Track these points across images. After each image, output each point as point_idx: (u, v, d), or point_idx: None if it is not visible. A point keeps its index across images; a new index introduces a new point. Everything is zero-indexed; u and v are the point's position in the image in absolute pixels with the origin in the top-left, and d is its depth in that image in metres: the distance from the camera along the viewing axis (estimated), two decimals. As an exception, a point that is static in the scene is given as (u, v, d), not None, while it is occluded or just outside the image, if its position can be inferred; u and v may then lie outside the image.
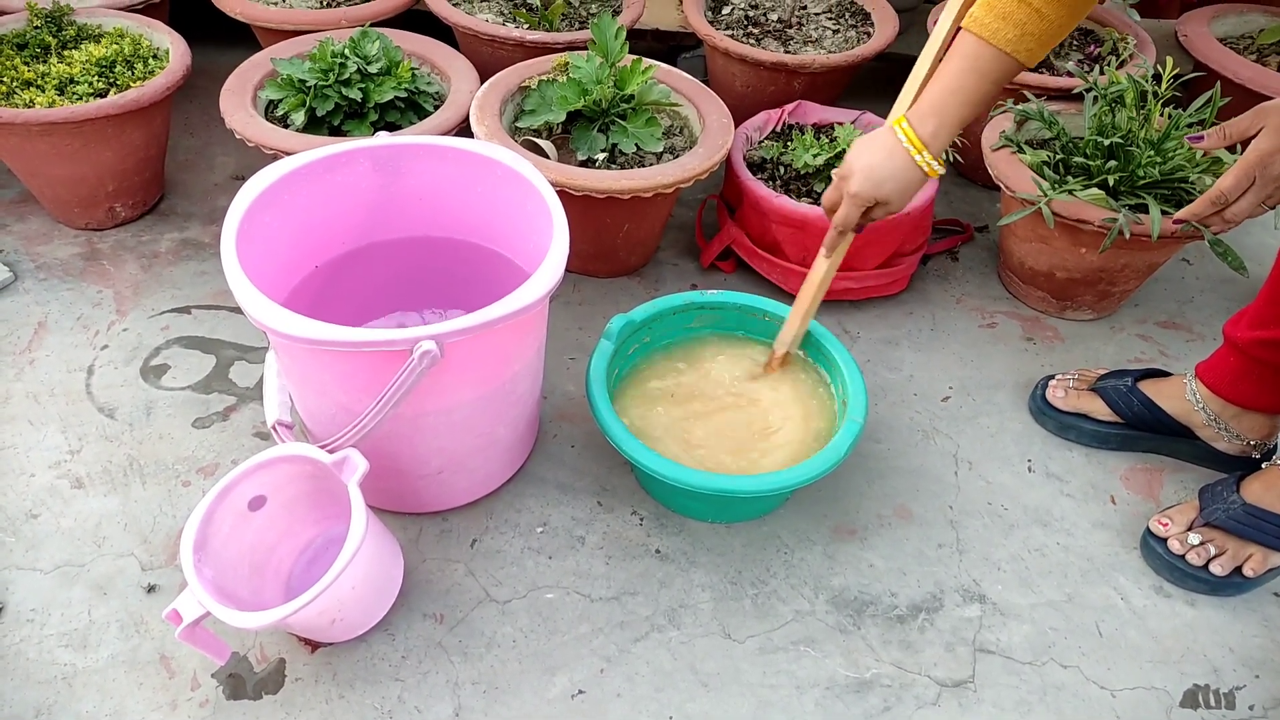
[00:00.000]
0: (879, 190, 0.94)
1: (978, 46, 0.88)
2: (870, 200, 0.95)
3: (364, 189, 1.06)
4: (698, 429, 1.07)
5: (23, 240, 1.41)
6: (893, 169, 0.93)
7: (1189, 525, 1.05)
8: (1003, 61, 0.87)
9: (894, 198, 0.94)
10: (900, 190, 0.94)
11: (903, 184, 0.94)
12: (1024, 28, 0.85)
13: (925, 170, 0.93)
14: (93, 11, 1.47)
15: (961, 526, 1.10)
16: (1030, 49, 0.87)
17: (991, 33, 0.86)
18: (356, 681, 0.92)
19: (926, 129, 0.91)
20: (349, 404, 0.89)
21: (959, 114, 0.91)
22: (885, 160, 0.93)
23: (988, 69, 0.88)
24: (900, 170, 0.93)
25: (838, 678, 0.95)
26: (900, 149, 0.92)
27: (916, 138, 0.91)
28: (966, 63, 0.89)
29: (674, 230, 1.51)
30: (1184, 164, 1.19)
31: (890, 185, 0.93)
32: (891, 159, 0.93)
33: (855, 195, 0.95)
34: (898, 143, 0.93)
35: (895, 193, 0.94)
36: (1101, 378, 1.21)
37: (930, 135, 0.91)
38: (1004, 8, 0.86)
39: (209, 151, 1.63)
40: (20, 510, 1.05)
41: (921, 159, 0.92)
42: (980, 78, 0.89)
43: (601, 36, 1.30)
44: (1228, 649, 1.00)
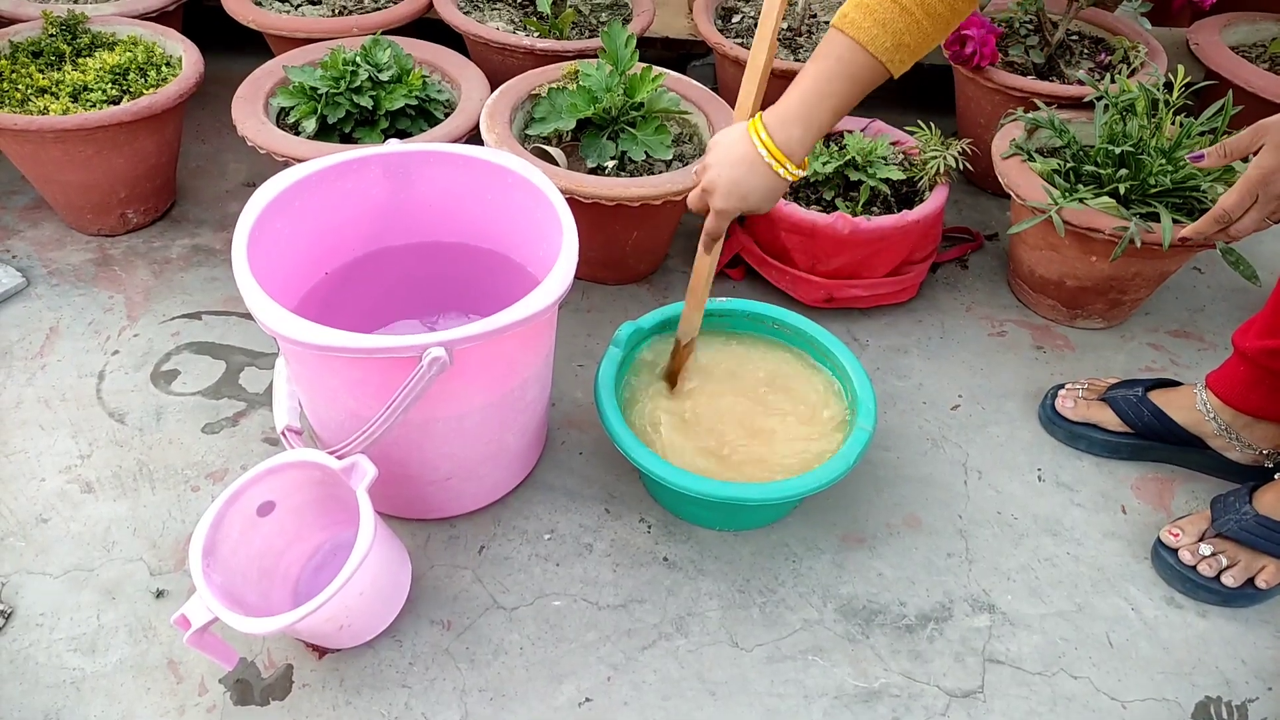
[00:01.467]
0: (744, 203, 0.91)
1: (852, 51, 0.82)
2: (736, 212, 0.93)
3: (374, 196, 1.06)
4: (705, 436, 1.07)
5: (36, 246, 1.42)
6: (754, 183, 0.90)
7: (1200, 536, 1.04)
8: (874, 69, 0.83)
9: (760, 205, 0.92)
10: (765, 198, 0.91)
11: (766, 194, 0.91)
12: (899, 37, 0.81)
13: (788, 179, 0.89)
14: (107, 20, 1.48)
15: (971, 536, 1.10)
16: (902, 60, 0.82)
17: (870, 38, 0.81)
18: (364, 688, 0.92)
19: (792, 135, 0.87)
20: (358, 410, 0.89)
21: (825, 119, 0.86)
22: (747, 174, 0.89)
23: (858, 74, 0.83)
24: (763, 182, 0.89)
25: (846, 687, 0.95)
26: (761, 163, 0.88)
27: (778, 149, 0.87)
28: (839, 66, 0.83)
29: (683, 238, 1.51)
30: (1195, 173, 1.19)
31: (755, 197, 0.91)
32: (753, 173, 0.89)
33: (722, 211, 0.93)
34: (759, 156, 0.88)
35: (762, 201, 0.92)
36: (1112, 387, 1.20)
37: (797, 141, 0.87)
38: (883, 14, 0.81)
39: (220, 158, 1.64)
40: (31, 514, 1.05)
41: (784, 171, 0.88)
42: (850, 83, 0.84)
43: (611, 45, 1.30)
44: (1240, 661, 0.99)
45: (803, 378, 1.14)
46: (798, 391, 1.12)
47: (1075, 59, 1.61)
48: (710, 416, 1.09)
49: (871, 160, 1.32)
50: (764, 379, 1.14)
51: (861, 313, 1.38)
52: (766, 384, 1.13)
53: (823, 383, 1.13)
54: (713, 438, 1.07)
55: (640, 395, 1.11)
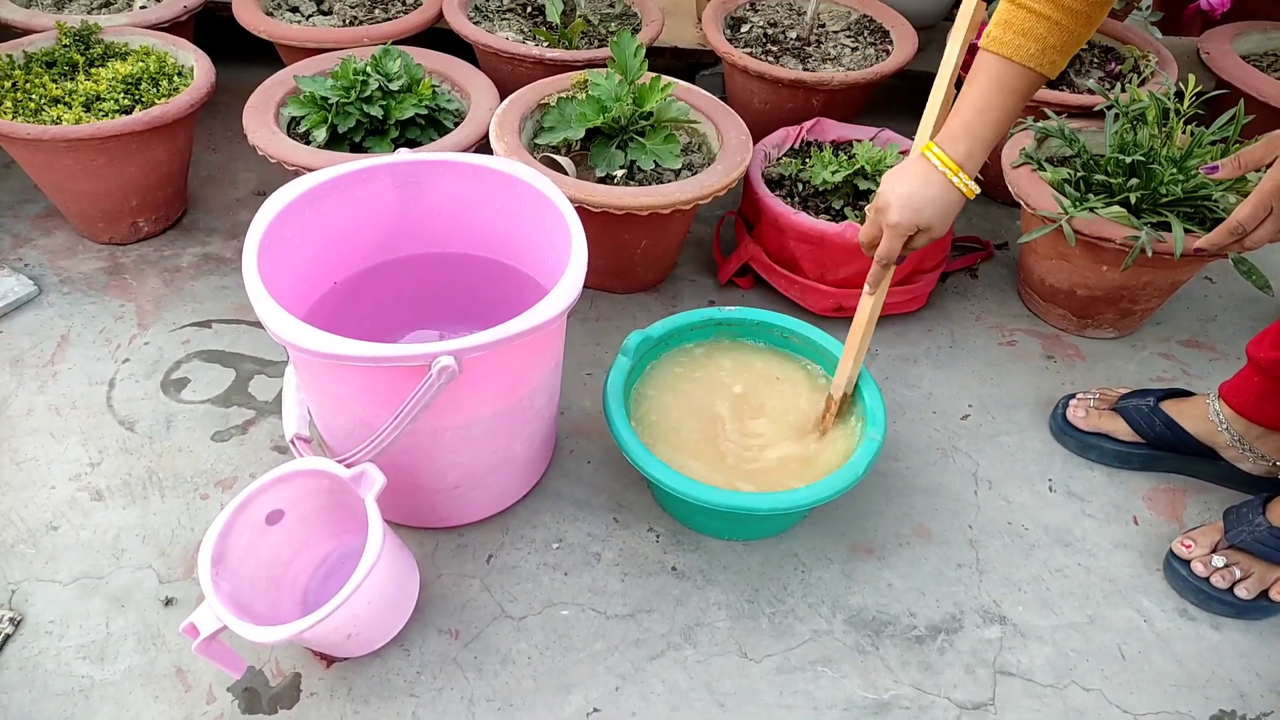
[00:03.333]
0: (919, 217, 0.93)
1: (1001, 65, 0.88)
2: (912, 228, 0.94)
3: (384, 205, 1.06)
4: (714, 445, 1.07)
5: (47, 254, 1.42)
6: (930, 195, 0.92)
7: (1213, 547, 1.04)
8: (1027, 77, 0.87)
9: (935, 222, 0.93)
10: (941, 214, 0.93)
11: (942, 207, 0.93)
12: (1044, 41, 0.85)
13: (963, 191, 0.92)
14: (120, 30, 1.49)
15: (981, 546, 1.09)
16: (1053, 61, 0.87)
17: (1014, 50, 0.86)
18: (371, 697, 0.92)
19: (959, 150, 0.91)
20: (367, 419, 0.89)
21: (989, 133, 0.90)
22: (921, 187, 0.92)
23: (1014, 85, 0.88)
24: (938, 194, 0.92)
25: (856, 699, 0.94)
26: (935, 173, 0.92)
27: (951, 160, 0.91)
28: (992, 82, 0.88)
29: (692, 246, 1.51)
30: (1207, 182, 1.18)
31: (930, 210, 0.93)
32: (928, 185, 0.92)
33: (896, 225, 0.94)
34: (932, 168, 0.92)
35: (936, 217, 0.93)
36: (1123, 397, 1.19)
37: (965, 156, 0.91)
38: (1022, 24, 0.86)
39: (231, 167, 1.65)
40: (41, 522, 1.06)
41: (959, 181, 0.91)
42: (1007, 95, 0.88)
43: (621, 54, 1.30)
44: (1254, 674, 0.98)
45: (811, 387, 1.14)
46: (806, 401, 1.12)
47: (1085, 68, 1.60)
48: (717, 425, 1.09)
49: (881, 169, 1.32)
50: (772, 388, 1.13)
51: (871, 322, 1.38)
52: (774, 393, 1.13)
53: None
54: (720, 446, 1.07)
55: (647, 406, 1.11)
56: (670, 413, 1.10)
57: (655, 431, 1.08)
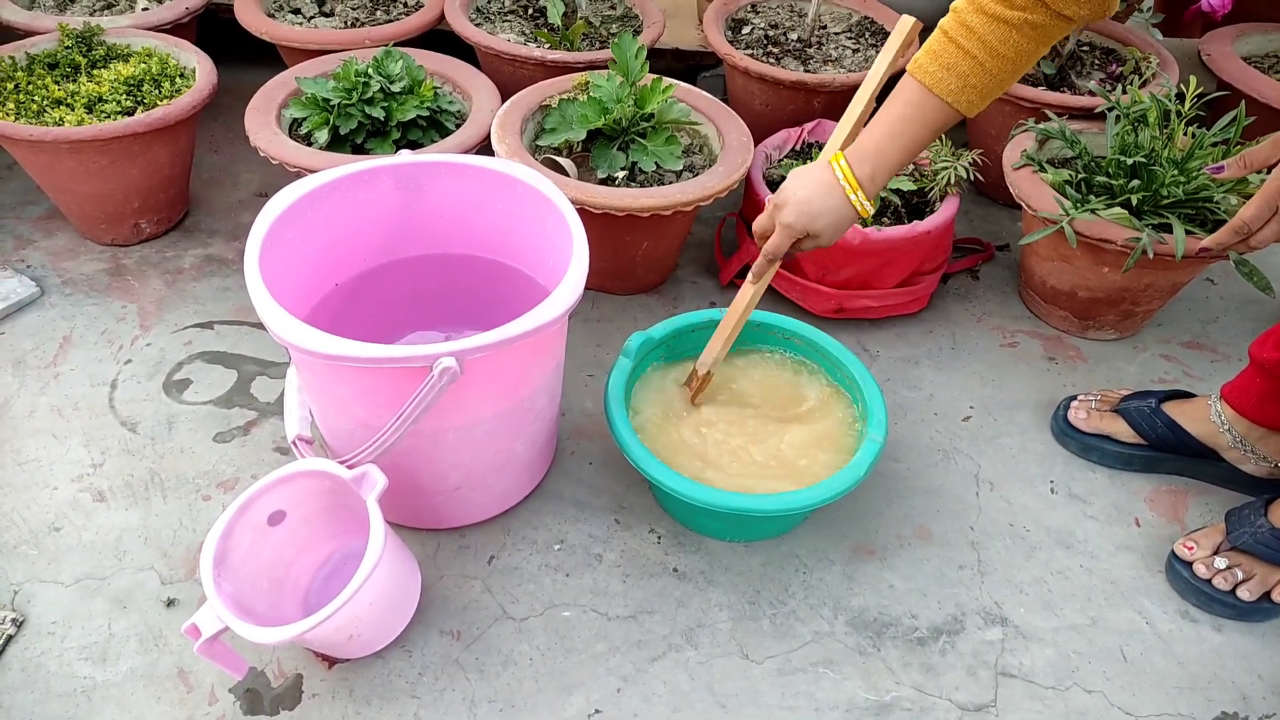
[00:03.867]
0: (812, 224, 0.94)
1: (921, 94, 0.88)
2: (802, 232, 0.95)
3: (386, 206, 1.06)
4: (717, 447, 1.07)
5: (49, 256, 1.43)
6: (827, 205, 0.93)
7: (1215, 549, 1.04)
8: (943, 111, 0.88)
9: (825, 232, 0.95)
10: (832, 225, 0.95)
11: (835, 220, 0.94)
12: (966, 79, 0.85)
13: (858, 210, 0.93)
14: (122, 31, 1.50)
15: (983, 548, 1.09)
16: (971, 100, 0.87)
17: (935, 81, 0.86)
18: (373, 698, 0.92)
19: (864, 170, 0.92)
20: (369, 420, 0.89)
21: (895, 159, 0.91)
22: (822, 196, 0.93)
23: (929, 117, 0.88)
24: (835, 207, 0.93)
25: (857, 700, 0.94)
26: (837, 186, 0.93)
27: (854, 177, 0.92)
28: (909, 109, 0.89)
29: (693, 248, 1.51)
30: (1208, 183, 1.18)
31: (824, 220, 0.94)
32: (828, 196, 0.93)
33: (789, 226, 0.96)
34: (835, 181, 0.93)
35: (827, 227, 0.95)
36: (1124, 399, 1.19)
37: (867, 178, 0.92)
38: (948, 58, 0.86)
39: (233, 169, 1.65)
40: (43, 523, 1.06)
41: (856, 199, 0.92)
42: (920, 125, 0.89)
43: (622, 56, 1.30)
44: (1256, 676, 0.98)
45: (812, 388, 1.14)
46: (807, 402, 1.12)
47: (1086, 70, 1.60)
48: (720, 427, 1.09)
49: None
50: (773, 390, 1.14)
51: (872, 323, 1.38)
52: (775, 394, 1.13)
53: (833, 393, 1.13)
54: (722, 448, 1.07)
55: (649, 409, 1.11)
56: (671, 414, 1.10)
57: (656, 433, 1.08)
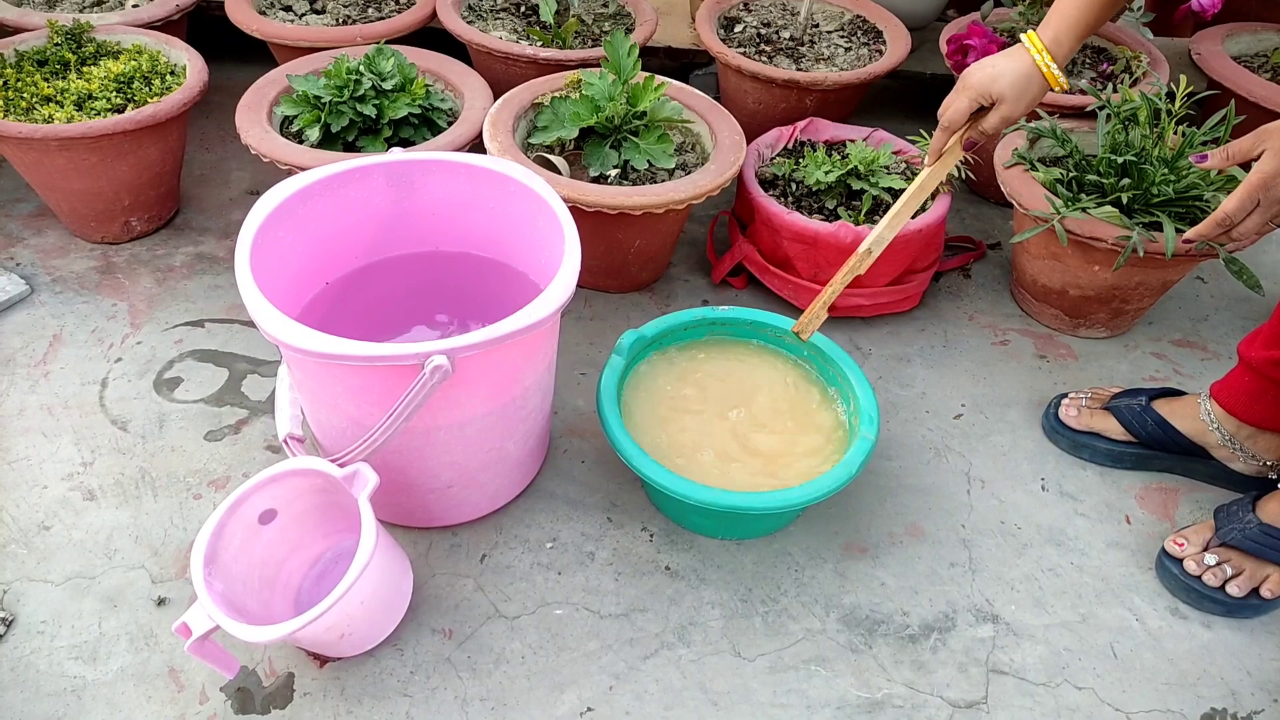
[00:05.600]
0: (995, 84, 0.96)
1: None
2: (984, 94, 0.97)
3: (377, 204, 1.06)
4: (708, 444, 1.07)
5: (39, 254, 1.42)
6: (1010, 66, 0.95)
7: (1205, 545, 1.04)
8: None
9: (1009, 94, 0.96)
10: (1015, 87, 0.96)
11: (1018, 80, 0.96)
12: None
13: (1044, 73, 0.95)
14: (112, 28, 1.49)
15: (974, 545, 1.09)
16: None
17: None
18: (364, 697, 0.92)
19: (1046, 34, 0.94)
20: (360, 418, 0.89)
21: (1076, 16, 0.93)
22: (1005, 60, 0.96)
23: None
24: (1018, 67, 0.95)
25: (849, 698, 0.94)
26: (1021, 50, 0.96)
27: (1039, 41, 0.95)
28: None
29: (685, 246, 1.51)
30: (1198, 182, 1.19)
31: (1005, 80, 0.96)
32: (1011, 59, 0.96)
33: (969, 86, 0.97)
34: (1021, 47, 0.96)
35: (1010, 88, 0.96)
36: (1115, 396, 1.20)
37: (1051, 40, 0.94)
38: None
39: (224, 167, 1.65)
40: (33, 522, 1.05)
41: (1041, 59, 0.94)
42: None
43: (614, 54, 1.30)
44: (1245, 672, 0.99)
45: (805, 386, 1.14)
46: (799, 400, 1.12)
47: (1077, 68, 1.61)
48: (711, 424, 1.09)
49: (874, 169, 1.32)
50: (766, 387, 1.14)
51: (864, 321, 1.38)
52: (767, 393, 1.13)
53: (825, 391, 1.13)
54: (714, 446, 1.07)
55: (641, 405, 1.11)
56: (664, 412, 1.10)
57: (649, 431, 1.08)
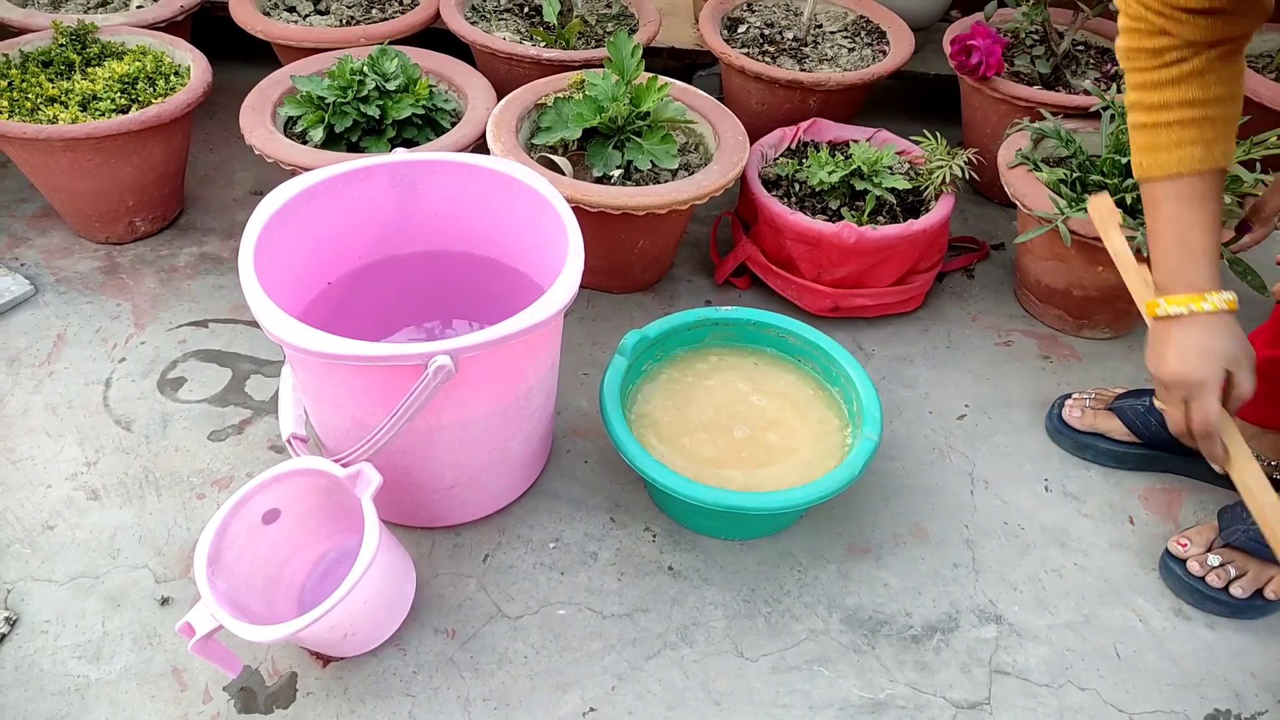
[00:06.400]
0: (1214, 356, 0.82)
1: (1165, 188, 0.82)
2: (1219, 373, 0.82)
3: (381, 205, 1.06)
4: (711, 445, 1.07)
5: (44, 254, 1.42)
6: (1197, 338, 0.82)
7: (1208, 546, 1.04)
8: (1197, 180, 0.81)
9: (1229, 346, 0.82)
10: (1221, 339, 0.82)
11: (1216, 335, 0.82)
12: (1203, 140, 0.79)
13: (1223, 307, 0.82)
14: (116, 29, 1.49)
15: (978, 546, 1.09)
16: (1210, 154, 0.80)
17: (1181, 164, 0.81)
18: (368, 697, 0.92)
19: (1179, 280, 0.82)
20: (363, 418, 0.89)
21: (1204, 244, 0.82)
22: (1185, 337, 0.82)
23: (1190, 195, 0.81)
24: (1203, 331, 0.82)
25: (852, 698, 0.94)
26: (1187, 318, 0.82)
27: (1183, 293, 0.82)
28: (1172, 204, 0.82)
29: (689, 246, 1.51)
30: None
31: (1219, 348, 0.82)
32: (1189, 330, 0.82)
33: (1201, 382, 0.82)
34: (1176, 316, 0.82)
35: (1227, 343, 0.82)
36: (1119, 397, 1.20)
37: (1193, 276, 0.82)
38: (1169, 139, 0.81)
39: (228, 167, 1.65)
40: (37, 521, 1.05)
41: (1209, 304, 0.81)
42: (1192, 206, 0.81)
43: (618, 54, 1.30)
44: (1249, 673, 0.98)
45: (808, 387, 1.14)
46: (803, 400, 1.12)
47: (1081, 69, 1.61)
48: (715, 425, 1.09)
49: (877, 170, 1.32)
50: (769, 388, 1.14)
51: (867, 322, 1.38)
52: (772, 393, 1.13)
53: (828, 392, 1.13)
54: (717, 447, 1.07)
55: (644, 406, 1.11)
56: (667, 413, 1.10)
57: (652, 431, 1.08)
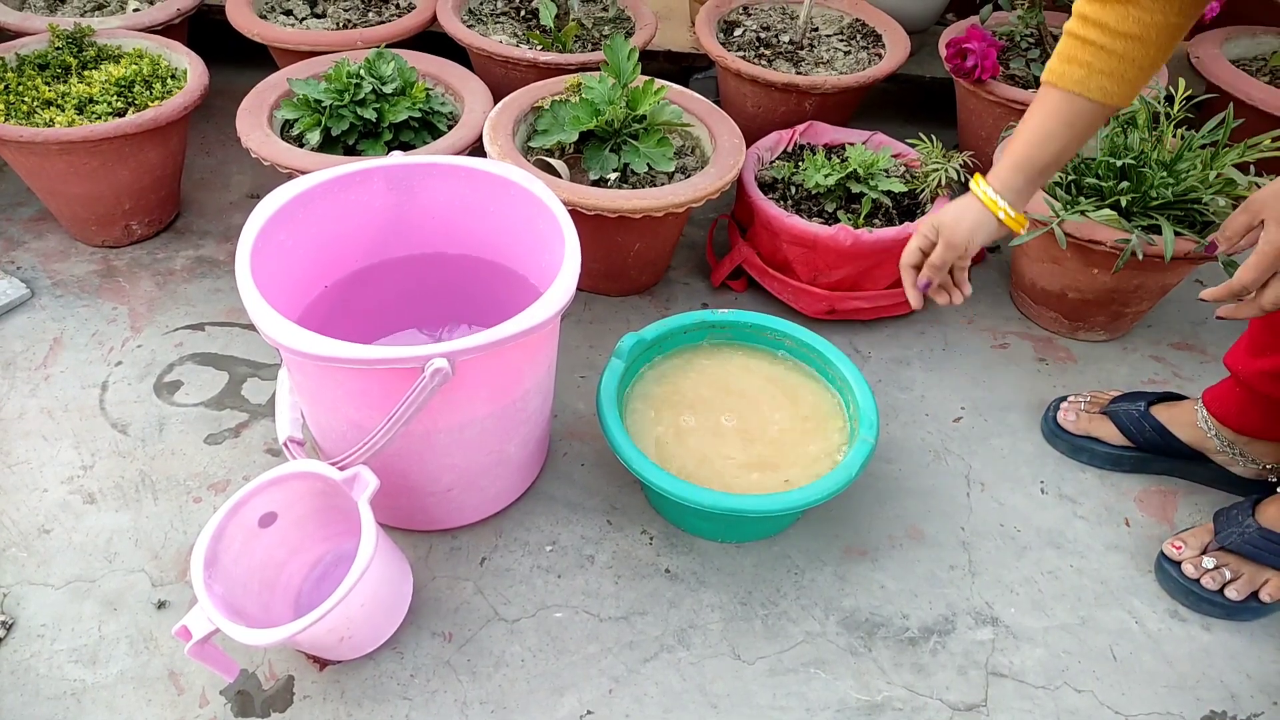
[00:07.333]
0: (949, 229, 0.97)
1: (1053, 95, 0.89)
2: (934, 233, 0.99)
3: (378, 208, 1.06)
4: (708, 448, 1.07)
5: (40, 257, 1.42)
6: (957, 212, 0.97)
7: (1204, 549, 1.04)
8: (1080, 105, 0.88)
9: (955, 228, 0.97)
10: (961, 224, 0.97)
11: (968, 222, 0.97)
12: (1090, 66, 0.86)
13: (992, 212, 0.95)
14: (113, 32, 1.49)
15: (974, 548, 1.09)
16: (1104, 88, 0.86)
17: (1058, 77, 0.87)
18: (364, 700, 0.92)
19: (1003, 181, 0.94)
20: (360, 421, 0.89)
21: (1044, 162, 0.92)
22: (959, 207, 0.98)
23: (1069, 115, 0.89)
24: (969, 214, 0.96)
25: (849, 700, 0.94)
26: (971, 198, 0.97)
27: (985, 187, 0.95)
28: (1047, 113, 0.90)
29: (685, 249, 1.52)
30: (1197, 185, 1.19)
31: (958, 224, 0.97)
32: (965, 206, 0.97)
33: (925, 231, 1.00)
34: (971, 196, 0.97)
35: (956, 225, 0.97)
36: (1114, 400, 1.20)
37: (1006, 186, 0.94)
38: (1068, 51, 0.87)
39: (225, 170, 1.65)
40: (33, 525, 1.05)
41: (993, 206, 0.95)
42: (1062, 124, 0.89)
43: (614, 58, 1.31)
44: (1245, 675, 0.99)
45: (805, 389, 1.14)
46: (800, 403, 1.13)
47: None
48: (711, 428, 1.09)
49: (873, 173, 1.32)
50: (766, 391, 1.14)
51: (863, 324, 1.38)
52: (767, 396, 1.13)
53: (825, 394, 1.13)
54: (713, 450, 1.07)
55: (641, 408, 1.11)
56: (664, 415, 1.10)
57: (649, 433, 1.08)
